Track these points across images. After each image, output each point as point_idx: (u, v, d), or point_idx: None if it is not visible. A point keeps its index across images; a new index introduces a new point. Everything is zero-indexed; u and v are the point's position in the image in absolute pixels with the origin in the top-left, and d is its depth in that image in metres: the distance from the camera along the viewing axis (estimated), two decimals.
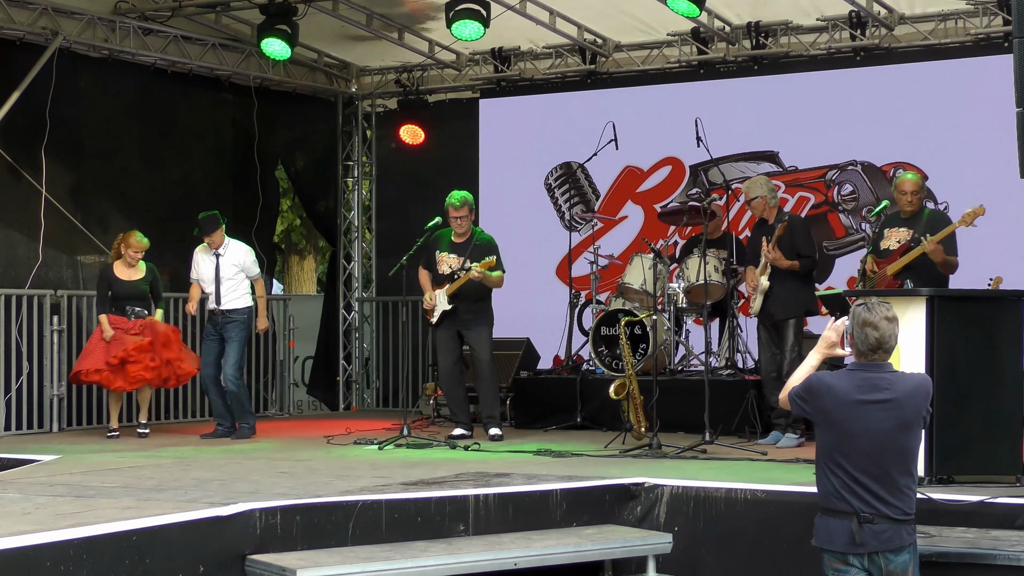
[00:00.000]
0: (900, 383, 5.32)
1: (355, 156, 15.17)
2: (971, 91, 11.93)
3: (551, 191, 13.97)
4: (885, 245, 9.21)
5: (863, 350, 5.32)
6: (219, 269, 11.09)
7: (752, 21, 12.66)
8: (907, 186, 9.22)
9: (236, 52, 13.49)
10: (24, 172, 11.82)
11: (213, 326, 11.14)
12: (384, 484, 7.53)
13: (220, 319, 11.09)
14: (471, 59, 14.21)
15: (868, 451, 5.25)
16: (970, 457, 7.55)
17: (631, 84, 13.50)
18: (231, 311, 11.08)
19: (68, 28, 12.00)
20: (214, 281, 11.07)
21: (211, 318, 11.19)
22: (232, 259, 11.15)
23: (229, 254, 11.17)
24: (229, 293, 11.08)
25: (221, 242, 11.16)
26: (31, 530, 5.86)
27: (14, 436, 11.31)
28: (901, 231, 9.14)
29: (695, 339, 11.92)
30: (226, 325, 11.08)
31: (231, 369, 11.04)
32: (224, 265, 11.10)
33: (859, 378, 5.31)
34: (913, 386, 5.34)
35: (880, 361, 5.32)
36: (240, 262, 11.16)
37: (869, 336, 5.28)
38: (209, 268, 11.13)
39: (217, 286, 11.06)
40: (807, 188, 12.80)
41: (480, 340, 10.67)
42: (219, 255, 11.14)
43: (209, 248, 11.17)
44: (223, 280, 11.07)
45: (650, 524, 7.48)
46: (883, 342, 5.29)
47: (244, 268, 11.17)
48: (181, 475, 8.17)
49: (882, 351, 5.30)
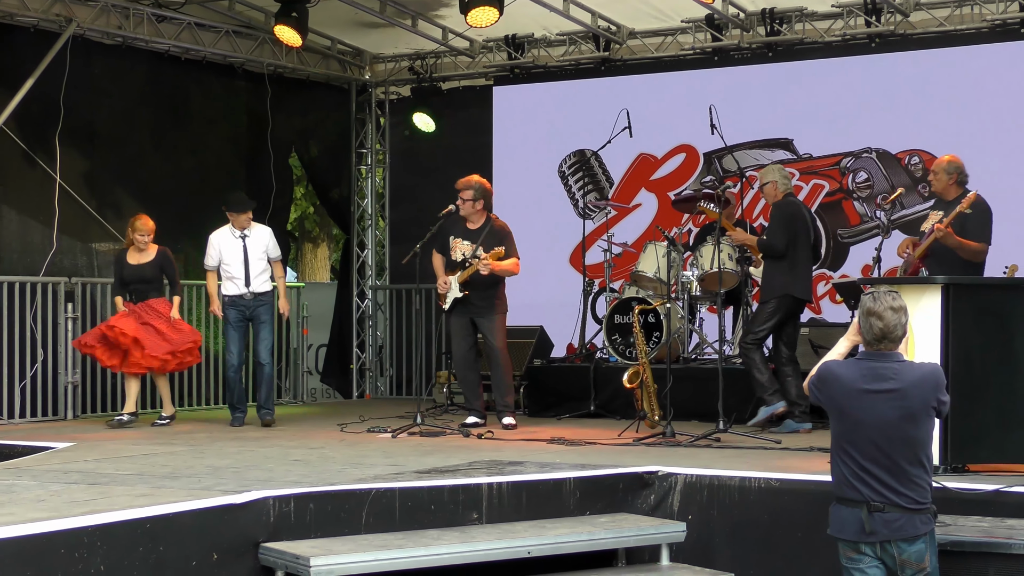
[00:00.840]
0: (906, 373, 5.31)
1: (369, 143, 15.16)
2: (987, 77, 11.88)
3: (565, 179, 13.95)
4: (924, 227, 9.13)
5: (868, 339, 5.33)
6: (247, 251, 11.01)
7: (767, 8, 12.62)
8: (933, 165, 9.21)
9: (249, 39, 13.49)
10: (38, 159, 11.83)
11: (239, 311, 10.99)
12: (397, 472, 7.53)
13: (251, 302, 10.98)
14: (485, 46, 14.19)
15: (874, 439, 5.25)
16: (985, 446, 7.52)
17: (645, 71, 13.47)
18: (262, 294, 11.01)
19: (82, 15, 12.01)
20: (243, 263, 10.95)
21: (236, 303, 10.99)
22: (258, 240, 11.07)
23: (254, 235, 11.09)
24: (259, 276, 10.99)
25: (248, 224, 11.09)
26: (45, 517, 5.87)
27: (29, 423, 11.33)
28: (937, 214, 9.05)
29: (709, 327, 11.91)
30: (257, 308, 11.00)
31: (267, 352, 11.00)
32: (251, 247, 11.02)
33: (865, 367, 5.31)
34: (920, 376, 5.33)
35: (886, 351, 5.31)
36: (265, 244, 11.10)
37: (873, 325, 5.28)
38: (236, 250, 11.00)
39: (247, 268, 10.95)
40: (821, 175, 12.76)
41: (492, 328, 10.63)
42: (245, 236, 11.06)
43: (233, 229, 11.07)
44: (252, 262, 10.99)
45: (664, 512, 7.47)
46: (887, 332, 5.28)
47: (269, 250, 11.11)
48: (195, 463, 8.18)
49: (887, 340, 5.29)
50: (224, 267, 11.03)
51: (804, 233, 10.24)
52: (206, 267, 11.21)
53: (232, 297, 11.01)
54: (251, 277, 10.96)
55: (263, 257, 11.05)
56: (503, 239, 10.57)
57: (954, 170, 9.06)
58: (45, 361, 11.59)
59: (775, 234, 10.18)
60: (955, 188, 9.06)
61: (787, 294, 10.12)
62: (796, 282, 10.16)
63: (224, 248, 11.03)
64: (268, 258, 11.11)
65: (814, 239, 10.50)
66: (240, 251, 10.99)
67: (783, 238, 10.13)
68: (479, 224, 10.68)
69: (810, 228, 10.39)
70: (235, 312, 11.01)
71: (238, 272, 10.96)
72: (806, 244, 10.28)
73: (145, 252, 11.02)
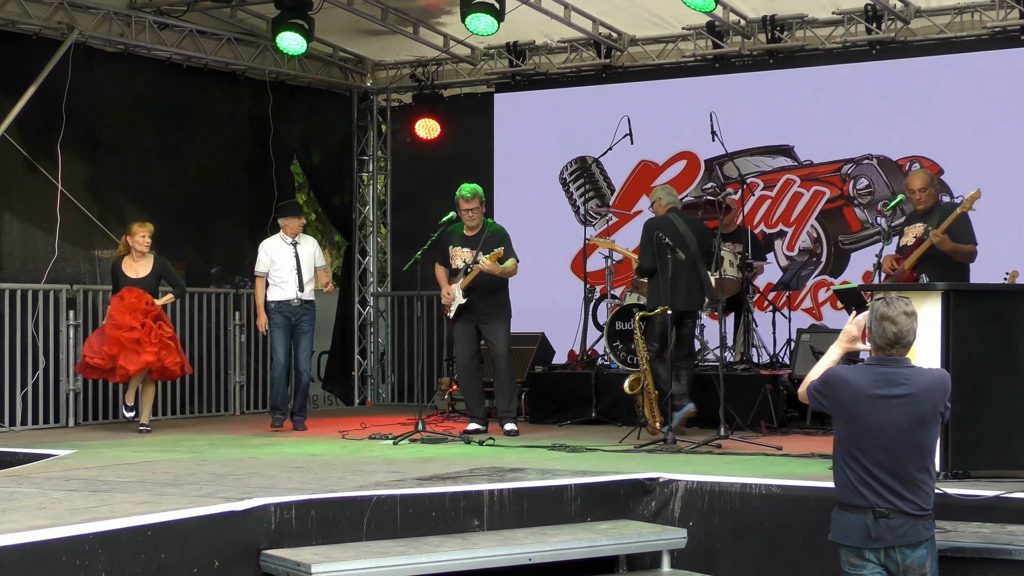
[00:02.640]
0: (918, 378, 5.30)
1: (370, 150, 15.18)
2: (987, 84, 11.90)
3: (566, 185, 13.96)
4: (903, 242, 9.20)
5: (881, 344, 5.30)
6: (299, 258, 11.20)
7: (767, 15, 12.63)
8: (914, 183, 9.22)
9: (251, 46, 13.51)
10: (40, 166, 11.85)
11: (284, 316, 11.18)
12: (399, 479, 7.54)
13: (298, 309, 11.18)
14: (486, 53, 14.21)
15: (884, 445, 5.24)
16: (986, 452, 7.53)
17: (646, 78, 13.49)
18: (308, 301, 11.24)
19: (84, 23, 12.02)
20: (295, 270, 11.16)
21: (283, 309, 11.18)
22: (307, 249, 11.31)
23: (304, 244, 11.33)
24: (308, 283, 11.23)
25: (299, 231, 11.32)
26: (47, 524, 5.86)
27: (30, 431, 11.34)
28: (918, 226, 9.12)
29: (710, 334, 11.91)
30: (303, 316, 11.23)
31: (307, 362, 11.29)
32: (303, 254, 11.23)
33: (876, 372, 5.29)
34: (931, 381, 5.32)
35: (898, 356, 5.30)
36: (313, 251, 11.33)
37: (887, 330, 5.26)
38: (287, 257, 11.21)
39: (299, 275, 11.16)
40: (823, 182, 12.77)
41: (497, 334, 10.65)
42: (296, 244, 11.26)
43: (284, 237, 11.26)
44: (305, 268, 11.19)
45: (665, 519, 7.47)
46: (901, 336, 5.27)
47: (316, 259, 11.32)
48: (196, 470, 8.18)
49: (900, 346, 5.29)
50: (274, 273, 11.23)
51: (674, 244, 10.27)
52: (256, 273, 11.39)
53: (279, 303, 11.22)
54: (304, 283, 11.19)
55: (311, 265, 11.28)
56: (502, 240, 10.60)
57: (935, 183, 9.21)
58: (47, 368, 11.60)
59: (641, 255, 10.46)
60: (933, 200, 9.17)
61: (656, 306, 10.32)
62: (660, 295, 10.20)
63: (276, 255, 11.25)
64: (315, 266, 11.31)
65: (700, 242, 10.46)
66: (292, 258, 11.21)
67: (648, 258, 10.29)
68: (477, 230, 10.70)
69: (684, 237, 10.34)
70: (281, 317, 11.21)
71: (289, 278, 11.18)
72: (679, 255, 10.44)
73: (142, 262, 10.99)
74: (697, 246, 10.41)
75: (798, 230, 12.88)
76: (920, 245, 8.99)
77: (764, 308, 12.08)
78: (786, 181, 12.93)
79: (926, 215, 9.13)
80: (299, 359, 11.28)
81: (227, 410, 13.13)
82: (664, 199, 10.68)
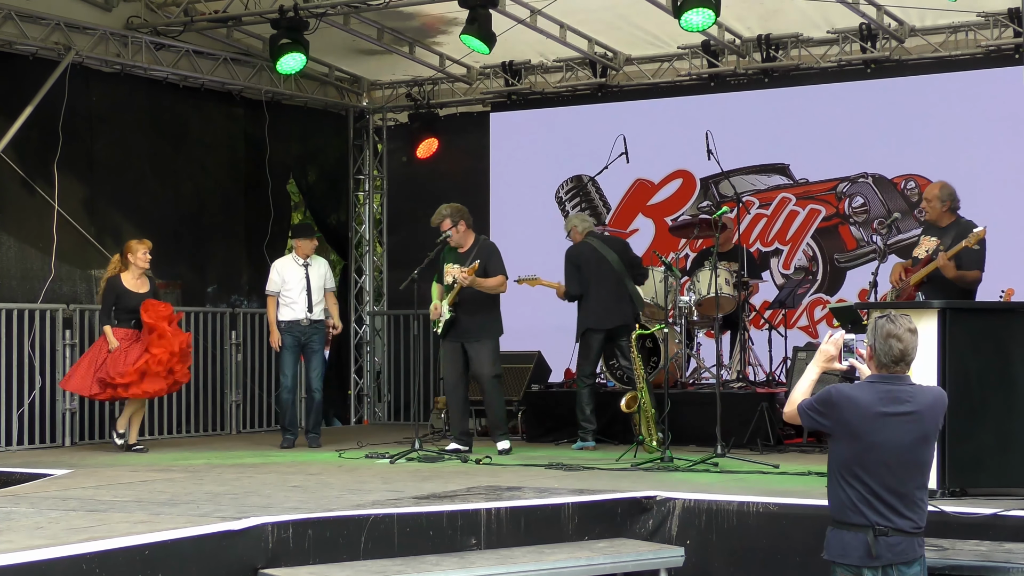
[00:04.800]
0: (920, 395, 5.30)
1: (366, 170, 15.20)
2: (982, 103, 11.93)
3: (562, 204, 13.98)
4: (916, 252, 9.15)
5: (886, 362, 5.27)
6: (310, 278, 11.30)
7: (762, 34, 12.67)
8: (926, 192, 9.25)
9: (247, 66, 13.53)
10: (37, 186, 11.85)
11: (294, 337, 11.29)
12: (396, 498, 7.53)
13: (307, 329, 11.29)
14: (482, 72, 14.24)
15: (888, 463, 5.22)
16: (983, 470, 7.53)
17: (642, 97, 13.52)
18: (317, 321, 11.33)
19: (81, 43, 12.05)
20: (305, 290, 11.29)
21: (293, 329, 11.28)
22: (319, 270, 11.41)
23: (316, 264, 11.43)
24: (319, 304, 11.33)
25: (311, 252, 11.43)
26: (44, 544, 5.86)
27: (27, 450, 11.32)
28: (932, 240, 9.07)
29: (706, 352, 11.92)
30: (313, 336, 11.33)
31: (318, 380, 11.39)
32: (314, 275, 11.34)
33: (881, 390, 5.27)
34: (933, 398, 5.33)
35: (901, 373, 5.29)
36: (324, 273, 11.44)
37: (893, 348, 5.25)
38: (298, 277, 11.33)
39: (309, 295, 11.27)
40: (818, 200, 12.80)
41: (481, 355, 10.56)
42: (308, 264, 11.35)
43: (296, 258, 11.38)
44: (314, 290, 11.29)
45: (662, 537, 7.47)
46: (907, 353, 5.27)
47: (326, 280, 11.42)
48: (193, 489, 8.18)
49: (904, 363, 5.28)
50: (285, 293, 11.32)
51: (596, 267, 10.89)
52: (268, 293, 11.51)
53: (288, 323, 11.31)
54: (313, 304, 11.29)
55: (322, 286, 11.38)
56: (488, 255, 10.57)
57: (947, 196, 9.10)
58: (43, 388, 11.58)
59: (566, 282, 11.03)
60: (948, 215, 9.11)
61: (587, 328, 10.85)
62: (589, 316, 10.92)
63: (287, 275, 11.36)
64: (325, 288, 11.40)
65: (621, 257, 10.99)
66: (303, 279, 11.33)
67: (573, 284, 10.94)
68: (468, 246, 10.69)
69: (603, 258, 10.90)
70: (290, 337, 11.31)
71: (299, 298, 11.29)
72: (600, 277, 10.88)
73: (142, 279, 11.03)
74: (620, 263, 10.94)
75: (794, 248, 12.90)
76: (928, 262, 8.96)
77: (760, 326, 12.08)
78: (782, 199, 12.96)
79: (944, 230, 9.08)
80: (311, 378, 11.41)
81: (223, 429, 13.12)
82: (579, 226, 11.24)
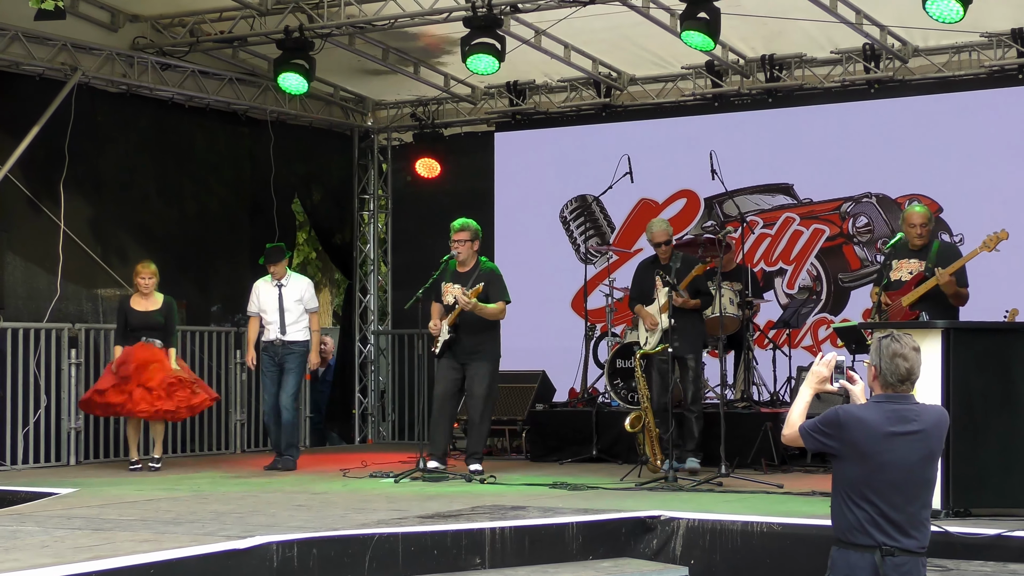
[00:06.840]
0: (926, 414, 5.29)
1: (371, 189, 15.23)
2: (985, 123, 11.96)
3: (566, 224, 14.01)
4: (895, 276, 9.17)
5: (892, 381, 5.25)
6: (282, 299, 11.26)
7: (766, 54, 12.71)
8: (916, 218, 9.21)
9: (253, 86, 13.58)
10: (43, 206, 11.89)
11: (271, 358, 11.27)
12: (400, 517, 7.54)
13: (281, 350, 11.23)
14: (486, 93, 14.28)
15: (896, 482, 5.20)
16: (987, 490, 7.53)
17: (646, 117, 13.55)
18: (292, 342, 11.25)
19: (87, 64, 12.10)
20: (278, 311, 11.24)
21: (269, 349, 11.27)
22: (294, 291, 11.35)
23: (291, 285, 11.37)
24: (292, 324, 11.26)
25: (284, 273, 11.39)
26: (49, 563, 5.87)
27: (32, 469, 11.34)
28: (912, 262, 9.12)
29: (711, 371, 11.92)
30: (287, 356, 11.25)
31: (289, 399, 11.25)
32: (287, 296, 11.29)
33: (888, 410, 5.25)
34: (938, 417, 5.33)
35: (906, 392, 5.29)
36: (301, 295, 11.36)
37: (900, 367, 5.23)
38: (272, 298, 11.29)
39: (281, 316, 11.23)
40: (822, 220, 12.82)
41: (477, 375, 10.51)
42: (282, 286, 11.32)
43: (272, 279, 11.35)
44: (287, 311, 11.24)
45: (666, 557, 7.46)
46: (912, 372, 5.26)
47: (304, 301, 11.35)
48: (198, 508, 8.19)
49: (909, 382, 5.27)
50: (262, 314, 11.34)
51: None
52: (248, 313, 11.54)
53: (265, 343, 11.31)
54: (285, 325, 11.23)
55: (298, 307, 11.31)
56: (492, 280, 10.54)
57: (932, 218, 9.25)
58: (48, 407, 11.61)
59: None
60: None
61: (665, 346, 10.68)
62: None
63: (262, 295, 11.37)
64: (304, 308, 11.33)
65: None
66: (276, 299, 11.29)
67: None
68: (469, 267, 10.66)
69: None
70: (267, 358, 11.30)
71: (273, 319, 11.26)
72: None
73: (151, 299, 11.11)
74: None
75: (798, 268, 12.92)
76: (920, 281, 8.99)
77: (764, 346, 12.10)
78: (786, 219, 12.98)
79: (921, 251, 9.13)
80: (281, 396, 11.23)
81: (228, 448, 13.14)
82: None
